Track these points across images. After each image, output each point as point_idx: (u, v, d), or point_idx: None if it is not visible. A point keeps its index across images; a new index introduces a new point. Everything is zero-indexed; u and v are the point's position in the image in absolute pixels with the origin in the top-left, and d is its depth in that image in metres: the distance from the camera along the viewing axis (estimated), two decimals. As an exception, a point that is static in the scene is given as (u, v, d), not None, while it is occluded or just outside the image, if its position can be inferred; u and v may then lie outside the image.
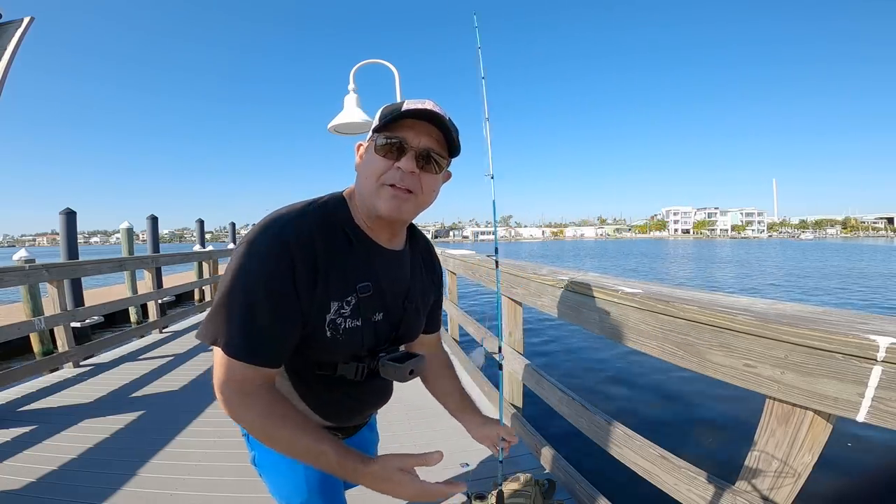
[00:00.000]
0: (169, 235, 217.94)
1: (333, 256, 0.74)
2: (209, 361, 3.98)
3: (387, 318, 0.84)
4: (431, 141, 0.75)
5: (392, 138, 0.73)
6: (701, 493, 1.10)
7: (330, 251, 0.74)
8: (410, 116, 0.72)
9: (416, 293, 0.91)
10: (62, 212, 7.45)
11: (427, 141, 0.74)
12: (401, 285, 0.87)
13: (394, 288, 0.85)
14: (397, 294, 0.86)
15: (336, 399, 0.87)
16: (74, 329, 4.32)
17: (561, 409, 1.87)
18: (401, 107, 0.72)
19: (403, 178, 0.73)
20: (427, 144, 0.74)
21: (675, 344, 1.15)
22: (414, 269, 0.91)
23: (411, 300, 0.89)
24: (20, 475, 2.04)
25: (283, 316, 0.69)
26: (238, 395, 0.69)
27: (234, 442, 2.42)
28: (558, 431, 2.21)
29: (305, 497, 0.89)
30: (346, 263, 0.76)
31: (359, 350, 0.81)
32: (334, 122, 4.13)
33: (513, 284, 2.37)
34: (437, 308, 1.07)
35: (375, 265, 0.80)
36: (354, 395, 0.89)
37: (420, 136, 0.74)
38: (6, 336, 3.30)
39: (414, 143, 0.73)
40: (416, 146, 0.73)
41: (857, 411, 0.77)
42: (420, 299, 0.93)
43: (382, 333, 0.84)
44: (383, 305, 0.83)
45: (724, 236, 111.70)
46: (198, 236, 13.74)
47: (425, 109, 0.71)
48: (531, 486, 1.67)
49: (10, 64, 2.67)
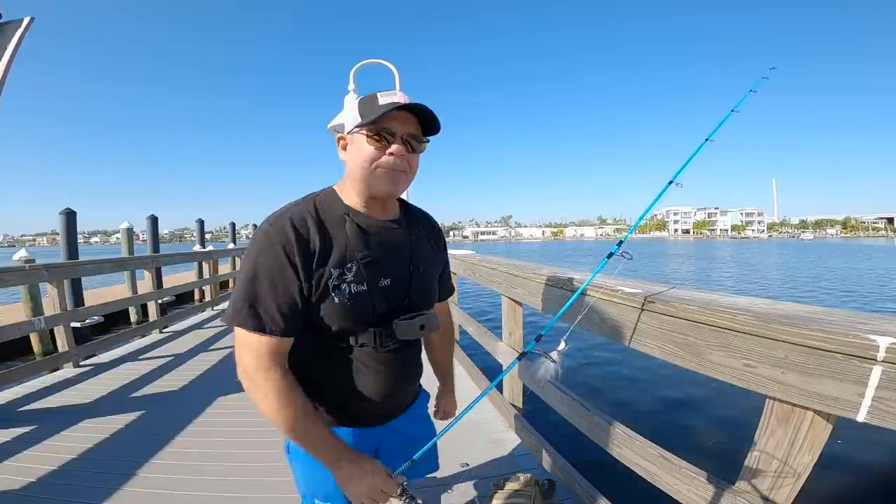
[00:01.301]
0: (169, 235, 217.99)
1: (326, 233, 0.86)
2: (209, 361, 4.01)
3: (394, 284, 0.92)
4: (412, 127, 0.88)
5: (381, 129, 0.84)
6: (701, 493, 1.10)
7: (322, 229, 0.85)
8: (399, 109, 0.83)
9: (421, 256, 0.99)
10: (62, 212, 7.45)
11: (409, 127, 0.87)
12: (400, 250, 0.95)
13: (393, 254, 0.94)
14: (400, 259, 0.95)
15: (363, 378, 0.92)
16: (74, 329, 4.32)
17: (561, 409, 1.87)
18: (377, 101, 0.84)
19: (395, 161, 0.86)
20: (410, 130, 0.87)
21: (676, 344, 1.15)
22: (414, 235, 0.99)
23: (416, 264, 0.96)
24: (20, 475, 2.04)
25: (281, 289, 0.80)
26: (255, 370, 0.82)
27: (234, 442, 2.42)
28: (558, 431, 2.21)
29: (331, 490, 0.90)
30: (339, 237, 0.87)
31: (371, 316, 0.89)
32: (334, 121, 4.13)
33: (513, 284, 2.37)
34: (447, 276, 1.17)
35: (371, 236, 0.90)
36: (382, 372, 0.93)
37: (404, 125, 0.86)
38: (6, 336, 3.30)
39: (400, 131, 0.86)
40: (402, 133, 0.86)
41: (857, 411, 0.77)
42: (429, 263, 1.02)
43: (393, 299, 0.92)
44: (387, 270, 0.91)
45: (724, 236, 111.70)
46: (198, 236, 13.74)
47: (405, 103, 0.83)
48: (531, 486, 1.67)
49: (11, 64, 2.67)
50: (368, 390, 0.93)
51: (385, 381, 0.94)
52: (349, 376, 0.91)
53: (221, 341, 4.90)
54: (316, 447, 0.85)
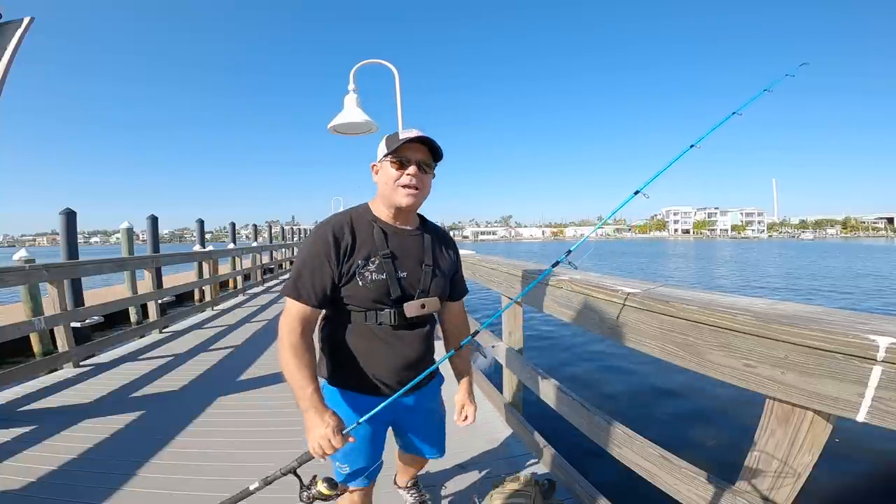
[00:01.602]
0: (169, 235, 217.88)
1: (356, 235, 1.17)
2: (209, 361, 4.01)
3: (409, 277, 1.20)
4: (423, 155, 1.18)
5: (400, 157, 1.15)
6: (701, 493, 1.10)
7: (354, 232, 1.17)
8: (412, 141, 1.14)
9: (433, 259, 1.26)
10: (62, 212, 7.45)
11: (421, 156, 1.17)
12: (415, 252, 1.23)
13: (410, 253, 1.22)
14: (414, 258, 1.22)
15: (381, 351, 1.20)
16: (74, 329, 4.32)
17: (561, 409, 1.87)
18: (398, 137, 1.15)
19: (411, 180, 1.15)
20: (421, 158, 1.17)
21: (676, 344, 1.15)
22: (430, 243, 1.27)
23: (428, 262, 1.24)
24: (20, 475, 2.04)
25: (317, 273, 1.13)
26: (287, 327, 1.12)
27: (234, 442, 2.42)
28: (558, 431, 2.21)
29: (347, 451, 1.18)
30: (367, 238, 1.18)
31: (387, 299, 1.17)
32: (335, 121, 4.13)
33: (513, 284, 2.36)
34: (460, 278, 1.42)
35: (392, 239, 1.20)
36: (395, 346, 1.20)
37: (416, 153, 1.16)
38: (6, 336, 3.30)
39: (414, 158, 1.16)
40: (415, 160, 1.16)
41: (856, 411, 0.77)
42: (441, 264, 1.28)
43: (407, 287, 1.19)
44: (403, 266, 1.20)
45: (724, 236, 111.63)
46: (198, 236, 13.73)
47: (418, 137, 1.14)
48: (531, 486, 1.67)
49: (11, 64, 2.67)
50: (384, 361, 1.20)
51: (397, 353, 1.21)
52: (370, 348, 1.19)
53: (221, 341, 4.90)
54: (297, 393, 1.09)
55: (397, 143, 1.13)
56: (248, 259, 10.43)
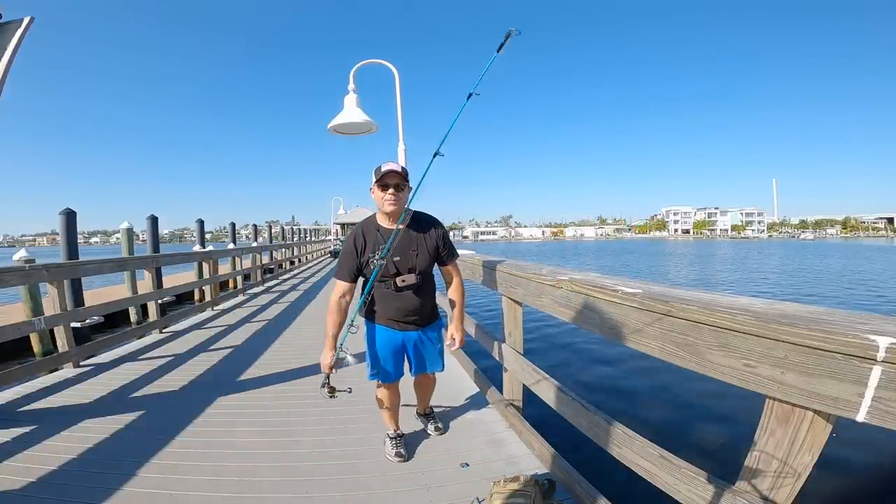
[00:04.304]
0: (169, 235, 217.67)
1: (367, 238, 1.96)
2: (209, 361, 4.02)
3: (402, 260, 1.94)
4: (397, 178, 1.88)
5: (382, 183, 1.88)
6: (701, 493, 1.10)
7: (366, 236, 1.96)
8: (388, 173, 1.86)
9: (420, 245, 1.98)
10: (62, 212, 7.44)
11: (396, 179, 1.88)
12: (405, 243, 1.95)
13: (402, 244, 1.93)
14: (405, 248, 1.95)
15: (393, 304, 2.01)
16: (74, 329, 4.32)
17: (561, 408, 1.87)
18: (381, 169, 1.86)
19: (391, 197, 1.88)
20: (396, 181, 1.88)
21: (676, 344, 1.15)
22: (418, 234, 1.99)
23: (415, 249, 1.97)
24: (20, 475, 2.04)
25: (349, 261, 1.96)
26: (335, 296, 1.97)
27: (233, 442, 2.42)
28: (558, 431, 2.21)
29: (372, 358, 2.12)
30: (373, 238, 1.95)
31: (388, 274, 1.93)
32: (334, 121, 4.13)
33: (512, 284, 2.37)
34: (446, 246, 2.05)
35: (388, 237, 1.91)
36: (398, 300, 2.00)
37: (392, 179, 1.88)
38: (6, 336, 3.29)
39: (391, 182, 1.88)
40: (391, 184, 1.88)
41: (856, 411, 0.77)
42: (425, 247, 1.99)
43: (402, 266, 1.95)
44: (397, 253, 1.93)
45: (724, 236, 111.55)
46: (198, 236, 13.72)
47: (390, 169, 1.86)
48: (531, 486, 1.67)
49: (11, 64, 2.67)
50: (393, 309, 2.02)
51: (398, 306, 2.01)
52: (385, 302, 2.02)
53: (221, 341, 4.90)
54: (326, 334, 1.99)
55: (380, 174, 1.85)
56: (248, 259, 10.43)
